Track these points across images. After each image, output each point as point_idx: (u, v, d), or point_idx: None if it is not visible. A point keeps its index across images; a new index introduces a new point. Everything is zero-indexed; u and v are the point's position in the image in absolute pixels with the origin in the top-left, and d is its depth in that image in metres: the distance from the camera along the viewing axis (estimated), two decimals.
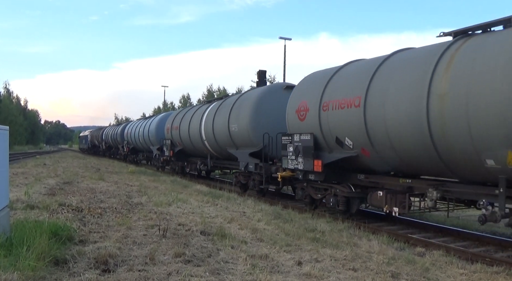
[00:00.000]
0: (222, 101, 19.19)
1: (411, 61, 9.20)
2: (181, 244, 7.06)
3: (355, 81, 10.39)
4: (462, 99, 7.57)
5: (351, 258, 6.85)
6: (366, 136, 9.79)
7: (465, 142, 7.66)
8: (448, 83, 7.90)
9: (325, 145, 11.36)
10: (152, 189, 15.76)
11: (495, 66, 7.19)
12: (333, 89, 11.11)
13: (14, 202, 10.58)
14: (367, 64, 10.66)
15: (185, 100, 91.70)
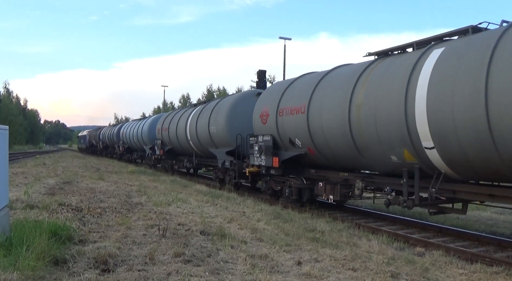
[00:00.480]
0: (204, 105, 21.38)
1: (342, 76, 11.42)
2: (180, 244, 7.06)
3: (303, 92, 12.51)
4: (372, 109, 9.62)
5: (351, 258, 6.85)
6: (310, 137, 11.96)
7: (376, 143, 9.73)
8: (363, 96, 9.98)
9: (282, 145, 13.56)
10: (151, 189, 15.76)
11: (393, 83, 9.20)
12: (287, 98, 13.26)
13: (13, 202, 10.57)
14: (313, 77, 12.85)
15: (185, 100, 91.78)
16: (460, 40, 8.68)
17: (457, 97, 7.71)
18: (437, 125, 8.11)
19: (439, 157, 8.43)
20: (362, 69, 10.52)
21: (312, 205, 13.05)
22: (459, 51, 8.19)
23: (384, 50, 10.50)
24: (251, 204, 12.71)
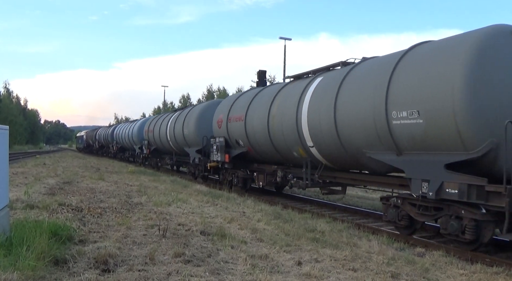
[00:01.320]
0: (181, 111, 25.50)
1: (266, 94, 15.27)
2: (181, 244, 7.06)
3: (243, 105, 16.27)
4: (280, 119, 13.28)
5: (351, 258, 6.85)
6: (247, 139, 15.71)
7: (283, 143, 13.46)
8: (276, 109, 13.71)
9: (232, 144, 17.31)
10: (152, 189, 15.76)
11: (292, 100, 12.86)
12: (234, 109, 17.01)
13: (14, 202, 10.57)
14: (251, 94, 16.67)
15: (185, 100, 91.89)
16: (331, 72, 12.28)
17: (322, 112, 11.17)
18: (313, 130, 11.62)
19: (318, 153, 11.99)
20: (279, 89, 14.37)
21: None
22: (327, 80, 11.76)
23: (296, 75, 14.32)
24: (251, 204, 12.71)
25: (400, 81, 8.84)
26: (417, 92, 8.36)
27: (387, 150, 9.43)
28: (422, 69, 8.45)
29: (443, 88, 7.84)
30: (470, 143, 7.57)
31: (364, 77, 10.20)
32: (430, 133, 8.20)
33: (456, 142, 7.79)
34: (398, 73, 8.97)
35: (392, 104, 8.90)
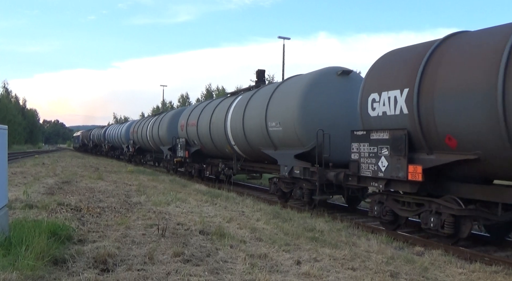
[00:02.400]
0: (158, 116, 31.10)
1: (210, 105, 20.67)
2: (180, 244, 7.06)
3: (196, 113, 21.38)
4: (216, 125, 18.22)
5: (350, 258, 6.85)
6: (199, 139, 20.54)
7: (219, 142, 18.41)
8: (214, 117, 18.65)
9: (190, 144, 22.06)
10: (151, 188, 15.76)
11: (222, 111, 18.02)
12: (191, 116, 22.04)
13: (13, 202, 10.57)
14: (202, 104, 22.16)
15: (184, 99, 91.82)
16: (246, 93, 17.39)
17: (237, 121, 16.09)
18: (234, 133, 16.52)
19: (238, 149, 16.83)
20: (218, 102, 19.52)
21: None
22: (241, 99, 16.81)
23: (233, 92, 20.34)
24: (250, 203, 12.72)
25: (273, 104, 13.84)
26: (279, 111, 13.31)
27: (270, 147, 14.28)
28: (281, 97, 13.60)
29: (290, 110, 12.71)
30: (304, 142, 12.45)
31: (258, 99, 15.18)
32: (285, 136, 13.10)
33: (297, 142, 12.68)
34: (272, 99, 14.01)
35: (269, 118, 13.85)
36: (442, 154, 8.25)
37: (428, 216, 8.77)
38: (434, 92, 8.13)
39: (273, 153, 14.00)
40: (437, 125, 8.12)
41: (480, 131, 7.42)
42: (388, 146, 9.11)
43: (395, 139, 8.91)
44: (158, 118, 30.03)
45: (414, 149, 8.73)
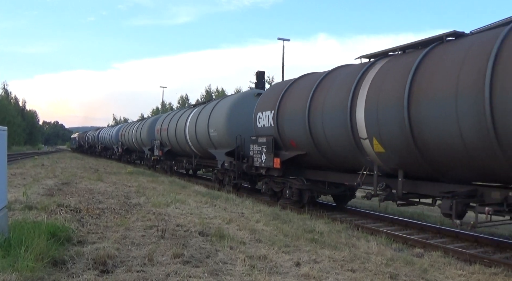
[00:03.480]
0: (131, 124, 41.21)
1: (177, 114, 26.06)
2: (179, 245, 7.06)
3: (167, 121, 26.76)
4: (179, 130, 23.93)
5: (350, 259, 6.85)
6: (169, 141, 25.96)
7: (182, 144, 23.78)
8: (176, 124, 24.49)
9: (165, 145, 27.53)
10: (150, 189, 15.75)
11: (182, 119, 23.90)
12: (163, 123, 27.49)
13: (12, 203, 10.56)
14: (171, 114, 27.78)
15: (184, 100, 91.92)
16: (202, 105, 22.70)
17: (191, 127, 22.19)
18: (191, 137, 22.11)
19: (194, 149, 22.06)
20: (182, 113, 25.18)
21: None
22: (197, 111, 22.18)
23: (194, 104, 25.34)
24: (250, 205, 12.71)
25: (212, 116, 19.00)
26: (215, 121, 18.55)
27: (212, 147, 19.34)
28: (217, 111, 18.90)
29: (221, 120, 18.06)
30: (231, 144, 17.34)
31: (204, 112, 20.34)
32: (219, 139, 18.20)
33: (227, 143, 17.73)
34: (212, 112, 19.19)
35: (210, 125, 19.03)
36: (290, 151, 13.24)
37: (286, 189, 13.78)
38: (284, 113, 13.30)
39: (213, 151, 19.36)
40: (286, 133, 13.30)
41: (302, 136, 12.37)
42: (265, 146, 14.30)
43: (268, 142, 14.13)
44: (140, 123, 36.50)
45: (278, 148, 13.92)
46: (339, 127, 10.68)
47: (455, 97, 7.65)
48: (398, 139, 9.00)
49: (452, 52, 8.25)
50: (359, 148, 10.27)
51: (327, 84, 11.73)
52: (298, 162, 13.29)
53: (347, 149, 10.74)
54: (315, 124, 11.63)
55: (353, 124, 10.18)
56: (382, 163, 9.90)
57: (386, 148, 9.44)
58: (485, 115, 7.10)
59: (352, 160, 10.94)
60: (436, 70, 8.21)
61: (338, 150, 11.17)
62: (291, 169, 13.72)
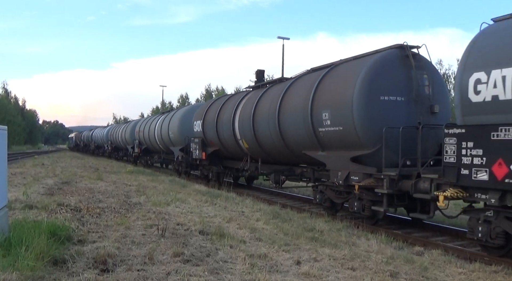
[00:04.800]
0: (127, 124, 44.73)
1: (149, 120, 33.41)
2: (179, 244, 7.07)
3: (144, 124, 33.39)
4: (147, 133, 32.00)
5: (350, 258, 6.86)
6: (144, 141, 32.89)
7: (154, 143, 30.33)
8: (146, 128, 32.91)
9: (142, 144, 33.80)
10: (150, 189, 15.75)
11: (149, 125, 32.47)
12: (141, 126, 34.04)
13: (12, 202, 10.57)
14: (147, 119, 36.16)
15: (183, 99, 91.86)
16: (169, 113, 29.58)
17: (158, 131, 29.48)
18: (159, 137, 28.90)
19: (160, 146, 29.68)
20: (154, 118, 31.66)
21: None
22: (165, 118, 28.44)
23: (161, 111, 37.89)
24: (250, 203, 12.72)
25: (172, 121, 25.62)
26: (173, 125, 24.96)
27: (171, 145, 23.88)
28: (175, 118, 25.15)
29: (176, 125, 24.55)
30: (182, 142, 23.73)
31: (167, 119, 26.60)
32: (175, 139, 24.60)
33: (180, 142, 23.95)
34: (172, 119, 25.08)
35: (170, 129, 25.37)
36: (211, 148, 19.47)
37: (209, 173, 20.15)
38: (207, 122, 19.49)
39: (172, 148, 25.62)
40: (208, 136, 19.46)
41: (215, 138, 18.63)
42: (198, 144, 20.34)
43: (199, 141, 20.24)
44: (125, 126, 43.14)
45: (205, 146, 19.86)
46: (228, 133, 17.35)
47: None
48: (251, 140, 15.56)
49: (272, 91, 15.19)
50: (239, 145, 16.87)
51: (225, 105, 18.42)
52: (217, 155, 19.44)
53: (234, 146, 17.39)
54: (220, 131, 18.09)
55: (234, 130, 16.81)
56: (250, 153, 16.49)
57: (249, 145, 15.98)
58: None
59: (238, 152, 17.42)
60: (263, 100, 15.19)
61: (230, 146, 17.73)
62: (214, 159, 19.70)
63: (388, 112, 9.99)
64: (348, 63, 11.40)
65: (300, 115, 12.00)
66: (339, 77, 11.17)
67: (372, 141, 9.98)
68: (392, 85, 10.17)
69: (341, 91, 10.66)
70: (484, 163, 7.22)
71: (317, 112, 11.30)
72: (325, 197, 11.98)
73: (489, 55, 7.51)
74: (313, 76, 12.54)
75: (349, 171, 10.63)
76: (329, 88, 11.16)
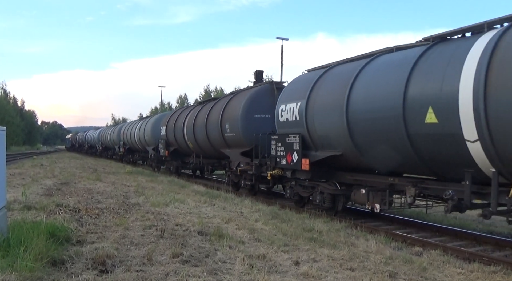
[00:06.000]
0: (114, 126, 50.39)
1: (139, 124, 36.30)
2: (178, 245, 7.06)
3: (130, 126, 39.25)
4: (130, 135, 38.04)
5: (349, 258, 6.86)
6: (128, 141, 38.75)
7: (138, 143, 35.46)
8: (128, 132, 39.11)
9: (125, 144, 39.36)
10: (149, 189, 15.75)
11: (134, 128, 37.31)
12: (125, 131, 39.59)
13: (11, 203, 10.55)
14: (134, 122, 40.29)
15: (182, 100, 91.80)
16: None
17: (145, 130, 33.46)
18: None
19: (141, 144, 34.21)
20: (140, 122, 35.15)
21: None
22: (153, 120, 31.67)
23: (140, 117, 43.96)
24: (249, 204, 12.71)
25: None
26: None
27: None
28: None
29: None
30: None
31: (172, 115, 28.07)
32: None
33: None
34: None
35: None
36: (172, 147, 25.22)
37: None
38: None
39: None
40: (169, 138, 25.59)
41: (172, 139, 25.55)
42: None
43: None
44: (113, 129, 46.60)
45: (168, 146, 25.55)
46: (180, 136, 23.33)
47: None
48: (193, 141, 21.64)
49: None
50: (187, 145, 22.95)
51: (180, 115, 22.98)
52: (177, 152, 24.85)
53: (184, 146, 23.65)
54: (176, 135, 23.69)
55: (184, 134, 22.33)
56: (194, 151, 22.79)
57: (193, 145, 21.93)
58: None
59: (188, 150, 23.71)
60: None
61: (182, 146, 23.81)
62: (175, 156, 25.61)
63: (259, 124, 15.55)
64: (241, 93, 17.83)
65: (217, 125, 17.79)
66: (234, 102, 17.26)
67: (250, 142, 15.48)
68: (262, 107, 15.90)
69: (234, 111, 16.59)
70: (284, 155, 12.80)
71: (224, 124, 17.32)
72: (230, 179, 17.83)
73: (286, 95, 13.23)
74: (224, 99, 18.93)
75: (239, 161, 16.57)
76: (230, 109, 17.16)
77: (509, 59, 7.03)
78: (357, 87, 10.14)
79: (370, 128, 9.63)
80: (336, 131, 10.61)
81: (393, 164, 9.73)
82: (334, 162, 11.33)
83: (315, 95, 11.57)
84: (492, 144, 7.22)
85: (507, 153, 7.11)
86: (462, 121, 7.56)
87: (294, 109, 12.27)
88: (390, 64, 9.86)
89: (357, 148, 10.17)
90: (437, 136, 8.13)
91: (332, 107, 10.70)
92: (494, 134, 7.16)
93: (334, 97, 10.77)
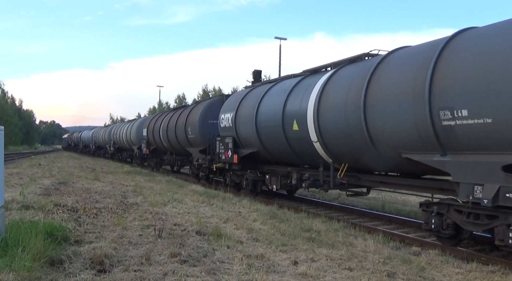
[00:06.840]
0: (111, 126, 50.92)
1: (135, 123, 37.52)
2: (176, 244, 7.06)
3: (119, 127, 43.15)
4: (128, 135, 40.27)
5: (347, 258, 6.86)
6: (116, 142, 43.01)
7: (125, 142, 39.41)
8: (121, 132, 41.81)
9: (116, 143, 42.90)
10: (147, 189, 15.73)
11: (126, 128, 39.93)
12: (115, 132, 43.50)
13: (9, 203, 10.53)
14: (124, 123, 44.56)
15: (181, 100, 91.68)
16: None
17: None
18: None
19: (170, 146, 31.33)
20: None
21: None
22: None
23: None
24: (247, 204, 12.71)
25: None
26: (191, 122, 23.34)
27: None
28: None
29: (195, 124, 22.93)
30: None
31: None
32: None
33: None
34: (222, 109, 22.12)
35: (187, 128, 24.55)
36: (153, 146, 29.16)
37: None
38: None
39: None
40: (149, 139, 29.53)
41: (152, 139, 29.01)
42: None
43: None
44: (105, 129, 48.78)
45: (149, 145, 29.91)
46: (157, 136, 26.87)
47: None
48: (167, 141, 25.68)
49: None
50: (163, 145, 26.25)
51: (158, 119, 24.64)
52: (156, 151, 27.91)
53: (161, 145, 26.31)
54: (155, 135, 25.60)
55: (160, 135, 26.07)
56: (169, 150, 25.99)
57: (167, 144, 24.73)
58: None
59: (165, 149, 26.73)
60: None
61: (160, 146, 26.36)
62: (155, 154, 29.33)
63: (212, 128, 19.12)
64: (201, 103, 21.96)
65: (182, 128, 21.78)
66: (195, 110, 21.29)
67: (205, 142, 19.08)
68: (215, 115, 18.75)
69: (194, 117, 20.58)
70: (224, 152, 16.44)
71: (187, 127, 21.17)
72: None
73: (225, 107, 17.12)
74: (189, 108, 23.18)
75: (198, 157, 20.53)
76: (191, 115, 21.16)
77: (327, 90, 11.01)
78: (262, 104, 14.24)
79: (268, 133, 13.72)
80: (252, 135, 14.60)
81: (285, 158, 13.78)
82: (255, 157, 15.34)
83: (240, 108, 15.68)
84: (324, 144, 11.03)
85: (333, 149, 10.94)
86: (309, 128, 11.40)
87: (229, 118, 16.33)
88: (279, 89, 13.96)
89: (264, 147, 14.22)
90: (299, 139, 12.04)
91: (248, 118, 14.74)
92: (324, 137, 10.94)
93: (249, 111, 14.81)
